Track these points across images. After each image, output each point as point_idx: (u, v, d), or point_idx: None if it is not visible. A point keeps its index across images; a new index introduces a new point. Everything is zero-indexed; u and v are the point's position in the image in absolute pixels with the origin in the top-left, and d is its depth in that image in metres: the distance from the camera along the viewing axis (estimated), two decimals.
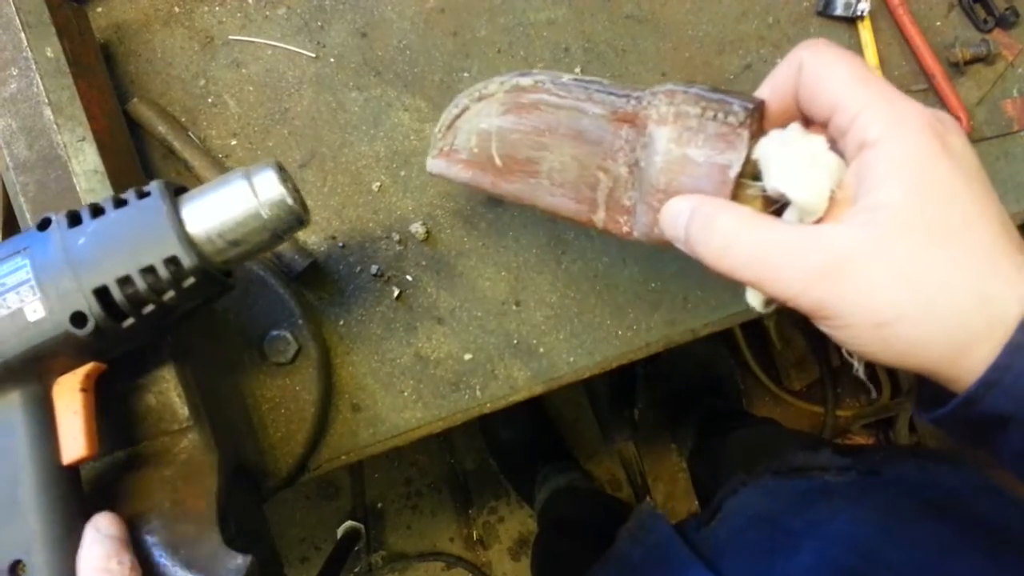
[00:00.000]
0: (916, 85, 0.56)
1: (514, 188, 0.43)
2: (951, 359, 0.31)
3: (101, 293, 0.36)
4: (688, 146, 0.35)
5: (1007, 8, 0.55)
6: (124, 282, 0.36)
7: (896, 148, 0.31)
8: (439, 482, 1.52)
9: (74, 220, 0.37)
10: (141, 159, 0.52)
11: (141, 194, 0.37)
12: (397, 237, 0.54)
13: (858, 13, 0.54)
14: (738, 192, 0.35)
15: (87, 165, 0.45)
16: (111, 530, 0.36)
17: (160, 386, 0.43)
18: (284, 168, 0.39)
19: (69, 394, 0.38)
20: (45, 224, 0.37)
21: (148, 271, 0.36)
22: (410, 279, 0.55)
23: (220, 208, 0.37)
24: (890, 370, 1.45)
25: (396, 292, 0.54)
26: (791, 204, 0.34)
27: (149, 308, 0.37)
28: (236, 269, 0.43)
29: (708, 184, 0.35)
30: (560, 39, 0.55)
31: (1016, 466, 0.33)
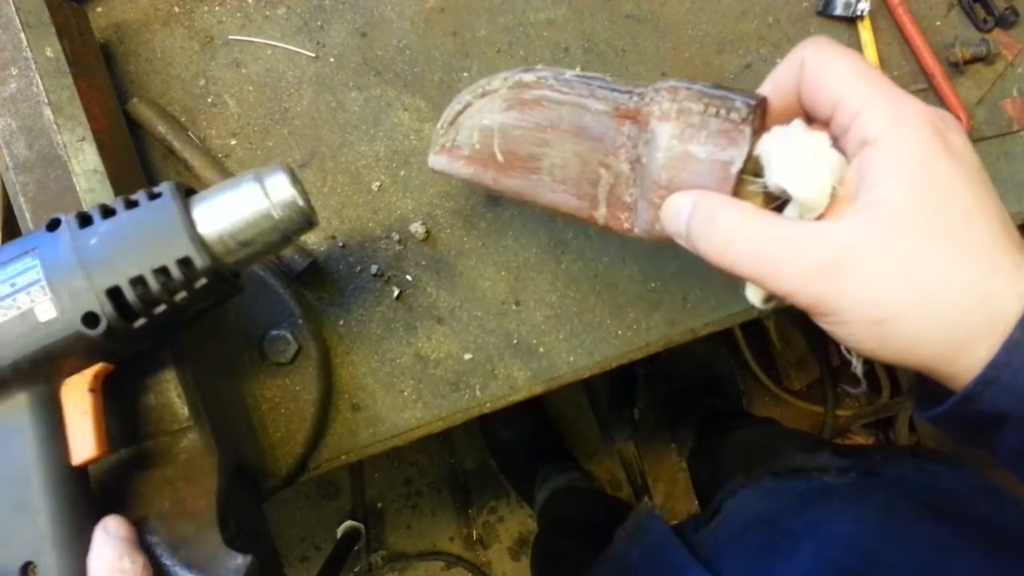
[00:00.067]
0: (916, 85, 0.56)
1: (515, 184, 0.43)
2: (949, 357, 0.31)
3: (113, 293, 0.36)
4: (690, 142, 0.35)
5: (1007, 8, 0.55)
6: (136, 282, 0.36)
7: (897, 145, 0.31)
8: (439, 482, 1.52)
9: (85, 221, 0.37)
10: (141, 159, 0.52)
11: (152, 195, 0.37)
12: (397, 237, 0.54)
13: (858, 13, 0.54)
14: (739, 188, 0.35)
15: (87, 165, 0.45)
16: (121, 531, 0.36)
17: (160, 386, 0.43)
18: (294, 170, 0.39)
19: (78, 394, 0.38)
20: (55, 225, 0.37)
21: (160, 271, 0.36)
22: (410, 279, 0.55)
23: (232, 209, 0.38)
24: (890, 370, 1.45)
25: (396, 292, 0.54)
26: (792, 201, 0.34)
27: (161, 308, 0.37)
28: (244, 271, 0.43)
29: (710, 180, 0.35)
30: (560, 39, 0.55)
31: (1013, 464, 0.33)
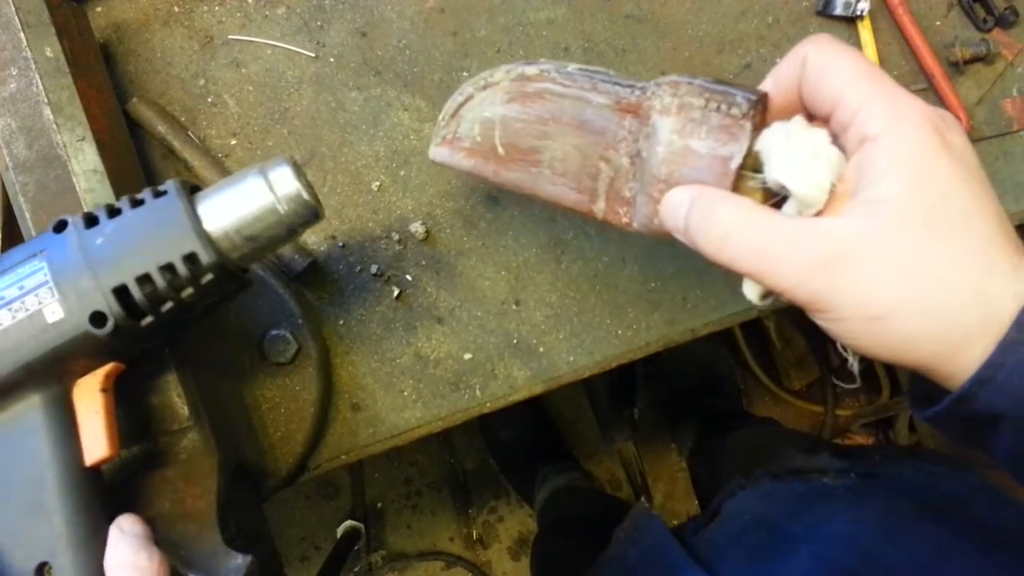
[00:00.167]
0: (916, 85, 0.56)
1: (515, 177, 0.43)
2: (946, 356, 0.31)
3: (120, 292, 0.36)
4: (691, 137, 0.35)
5: (1007, 8, 0.55)
6: (143, 280, 0.36)
7: (897, 143, 0.31)
8: (439, 482, 1.52)
9: (91, 221, 0.37)
10: (141, 159, 0.52)
11: (157, 193, 0.38)
12: (397, 237, 0.54)
13: (858, 13, 0.54)
14: (739, 184, 0.35)
15: (87, 165, 0.45)
16: (136, 528, 0.37)
17: (160, 386, 0.43)
18: (298, 163, 0.39)
19: (90, 395, 0.38)
20: (61, 226, 0.37)
21: (167, 268, 0.36)
22: (410, 279, 0.55)
23: (237, 204, 0.38)
24: (890, 370, 1.45)
25: (396, 292, 0.54)
26: (791, 197, 0.34)
27: (168, 306, 0.37)
28: (250, 266, 0.43)
29: (709, 175, 0.35)
30: (560, 39, 0.55)
31: (1009, 464, 0.33)
